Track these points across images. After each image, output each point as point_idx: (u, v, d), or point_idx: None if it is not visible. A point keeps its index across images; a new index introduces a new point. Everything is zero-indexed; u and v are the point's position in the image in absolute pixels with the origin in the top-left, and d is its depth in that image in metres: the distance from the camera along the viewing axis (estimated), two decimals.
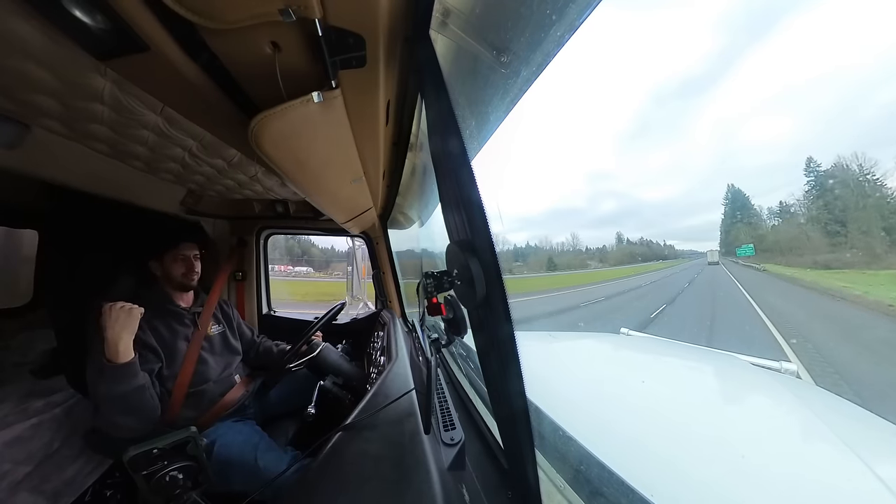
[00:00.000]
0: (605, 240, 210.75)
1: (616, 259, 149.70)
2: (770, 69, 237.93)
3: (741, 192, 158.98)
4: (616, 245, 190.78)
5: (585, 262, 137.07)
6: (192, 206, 1.54)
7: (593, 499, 0.60)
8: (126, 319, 0.92)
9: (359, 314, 2.16)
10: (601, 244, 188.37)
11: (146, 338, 1.02)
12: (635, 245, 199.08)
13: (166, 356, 1.06)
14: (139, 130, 0.81)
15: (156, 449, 0.58)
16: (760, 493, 0.72)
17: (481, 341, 0.57)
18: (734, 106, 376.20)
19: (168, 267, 1.15)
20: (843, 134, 74.68)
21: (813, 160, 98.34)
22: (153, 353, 1.03)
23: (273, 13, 0.37)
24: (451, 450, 0.66)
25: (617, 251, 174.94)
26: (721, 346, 2.14)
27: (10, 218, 1.28)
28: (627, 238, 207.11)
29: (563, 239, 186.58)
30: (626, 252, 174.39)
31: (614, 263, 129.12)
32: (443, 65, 0.50)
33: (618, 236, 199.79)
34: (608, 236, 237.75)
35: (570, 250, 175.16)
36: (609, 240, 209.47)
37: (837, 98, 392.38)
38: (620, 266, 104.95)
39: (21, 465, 0.95)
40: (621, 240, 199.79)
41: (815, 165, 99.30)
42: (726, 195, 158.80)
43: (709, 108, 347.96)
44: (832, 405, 1.17)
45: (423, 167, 1.23)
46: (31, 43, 0.49)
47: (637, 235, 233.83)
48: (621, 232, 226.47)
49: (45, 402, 1.08)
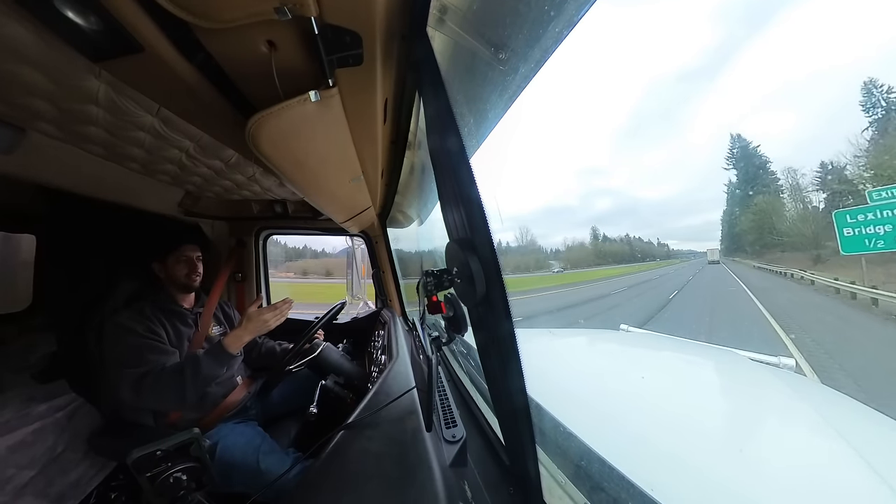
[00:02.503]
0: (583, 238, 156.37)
1: (576, 260, 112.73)
2: (771, 62, 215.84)
3: (754, 151, 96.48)
4: (589, 242, 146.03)
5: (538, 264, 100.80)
6: (189, 207, 1.54)
7: (594, 494, 0.60)
8: (260, 327, 1.06)
9: (359, 313, 2.16)
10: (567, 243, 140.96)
11: (158, 329, 1.05)
12: (615, 243, 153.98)
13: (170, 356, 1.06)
14: (135, 132, 0.81)
15: (159, 451, 0.58)
16: (758, 488, 0.73)
17: (482, 339, 0.57)
18: (735, 101, 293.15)
19: (171, 268, 1.16)
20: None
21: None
22: (162, 353, 1.04)
23: (268, 12, 0.36)
24: (452, 447, 0.66)
25: (576, 251, 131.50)
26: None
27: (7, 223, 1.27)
28: (604, 234, 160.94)
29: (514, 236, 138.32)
30: (590, 252, 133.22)
31: (573, 266, 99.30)
32: (440, 62, 0.50)
33: (593, 232, 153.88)
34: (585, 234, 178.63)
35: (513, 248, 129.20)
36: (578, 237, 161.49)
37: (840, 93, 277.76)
38: (577, 270, 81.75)
39: (25, 470, 0.95)
40: (596, 236, 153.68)
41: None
42: (731, 150, 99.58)
43: (709, 103, 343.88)
44: (830, 400, 1.18)
45: (422, 165, 1.23)
46: (25, 45, 0.48)
47: (620, 232, 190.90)
48: (597, 227, 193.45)
49: (47, 406, 1.08)
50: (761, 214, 67.85)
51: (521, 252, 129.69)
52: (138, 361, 0.96)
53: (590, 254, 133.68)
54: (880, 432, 0.97)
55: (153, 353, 1.00)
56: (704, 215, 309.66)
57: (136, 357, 0.97)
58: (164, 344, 1.04)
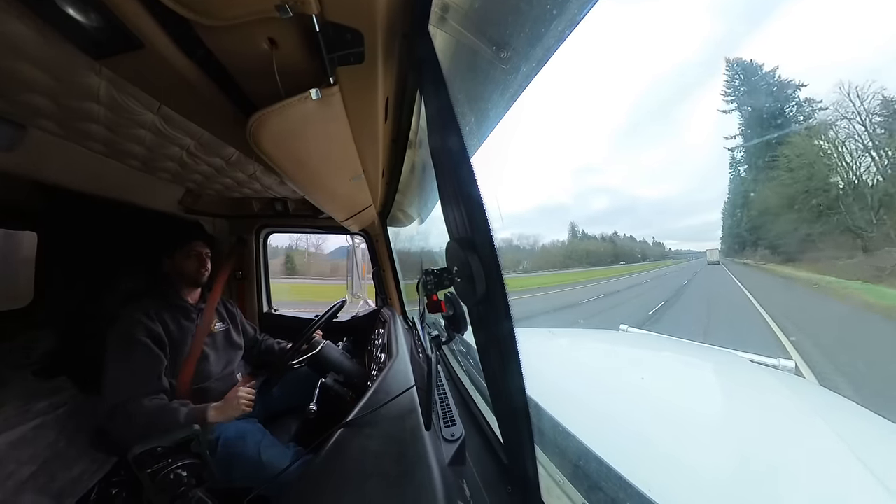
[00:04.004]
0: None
1: (539, 263, 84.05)
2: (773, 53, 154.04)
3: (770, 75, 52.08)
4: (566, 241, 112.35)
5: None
6: (190, 205, 1.54)
7: (592, 493, 0.61)
8: (237, 410, 1.01)
9: (359, 312, 2.17)
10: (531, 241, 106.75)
11: (156, 329, 1.03)
12: (596, 241, 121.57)
13: (172, 350, 1.07)
14: (136, 129, 0.81)
15: (160, 447, 0.58)
16: (756, 489, 0.73)
17: (481, 338, 0.57)
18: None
19: (181, 264, 1.17)
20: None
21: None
22: (161, 346, 1.03)
23: (270, 9, 0.36)
24: (451, 445, 0.66)
25: (539, 252, 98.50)
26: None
27: (8, 220, 1.27)
28: (583, 231, 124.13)
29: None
30: (561, 253, 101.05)
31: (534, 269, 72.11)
32: (442, 61, 0.50)
33: (572, 228, 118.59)
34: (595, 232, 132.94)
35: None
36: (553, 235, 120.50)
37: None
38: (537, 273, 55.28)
39: (25, 466, 0.95)
40: (575, 233, 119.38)
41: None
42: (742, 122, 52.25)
43: (710, 100, 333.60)
44: (829, 402, 1.18)
45: (423, 164, 1.23)
46: (25, 42, 0.48)
47: (602, 230, 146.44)
48: (575, 223, 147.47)
49: (48, 402, 1.08)
50: (802, 172, 33.90)
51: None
52: (126, 378, 0.93)
53: (560, 254, 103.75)
54: (879, 434, 0.97)
55: (141, 365, 0.97)
56: (703, 215, 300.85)
57: (125, 372, 0.94)
58: (155, 347, 1.01)
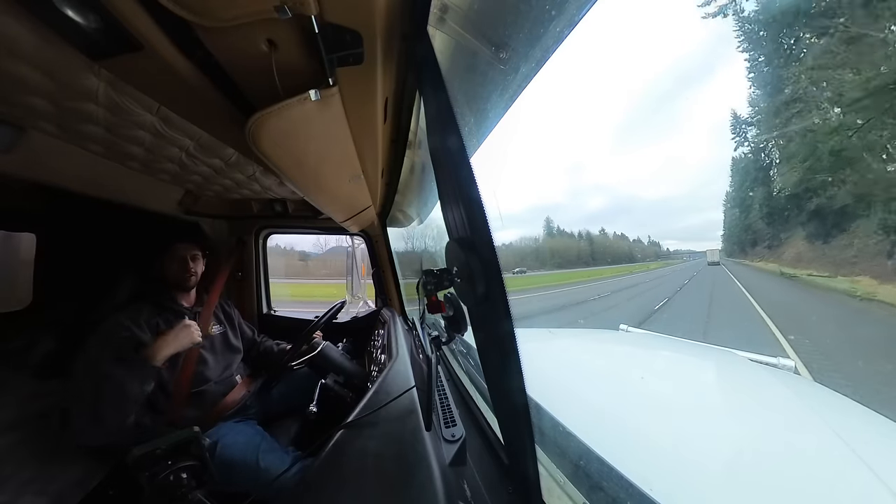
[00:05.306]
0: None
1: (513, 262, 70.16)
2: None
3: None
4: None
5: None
6: (189, 206, 1.54)
7: (593, 493, 0.61)
8: (187, 339, 1.02)
9: (359, 313, 2.16)
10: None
11: (145, 337, 1.01)
12: (575, 239, 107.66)
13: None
14: (135, 131, 0.81)
15: (159, 449, 0.58)
16: (756, 488, 0.73)
17: (481, 338, 0.57)
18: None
19: (165, 268, 1.16)
20: None
21: None
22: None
23: (269, 10, 0.36)
24: (452, 446, 0.66)
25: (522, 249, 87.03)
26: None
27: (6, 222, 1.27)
28: (558, 227, 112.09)
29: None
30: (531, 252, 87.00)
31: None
32: (441, 61, 0.50)
33: (547, 224, 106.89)
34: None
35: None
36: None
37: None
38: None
39: (25, 468, 0.95)
40: (550, 231, 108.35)
41: None
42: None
43: (710, 99, 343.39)
44: (829, 401, 1.18)
45: (422, 165, 1.23)
46: (23, 44, 0.48)
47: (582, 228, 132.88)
48: (551, 218, 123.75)
49: (47, 403, 1.08)
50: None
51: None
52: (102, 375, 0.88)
53: (530, 254, 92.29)
54: (878, 432, 0.97)
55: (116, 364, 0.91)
56: (705, 214, 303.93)
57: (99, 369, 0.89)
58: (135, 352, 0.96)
